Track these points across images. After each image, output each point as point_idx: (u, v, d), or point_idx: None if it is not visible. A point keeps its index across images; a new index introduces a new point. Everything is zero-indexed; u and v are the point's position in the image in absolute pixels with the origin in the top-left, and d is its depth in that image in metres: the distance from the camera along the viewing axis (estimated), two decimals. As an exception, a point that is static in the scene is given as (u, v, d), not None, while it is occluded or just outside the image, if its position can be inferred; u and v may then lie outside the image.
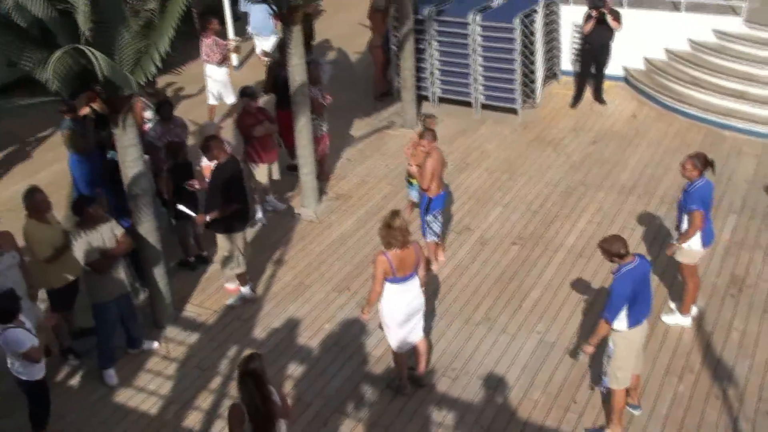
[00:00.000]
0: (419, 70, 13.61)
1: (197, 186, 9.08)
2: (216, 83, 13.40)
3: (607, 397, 7.16)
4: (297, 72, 10.16)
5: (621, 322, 6.63)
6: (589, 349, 6.88)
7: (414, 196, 10.09)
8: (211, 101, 13.57)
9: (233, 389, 7.54)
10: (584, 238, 9.93)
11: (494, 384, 7.72)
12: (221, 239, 8.78)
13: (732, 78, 13.04)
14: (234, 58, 16.06)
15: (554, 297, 8.91)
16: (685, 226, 7.90)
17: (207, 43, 13.18)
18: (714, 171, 8.00)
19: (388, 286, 7.07)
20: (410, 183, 10.13)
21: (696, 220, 7.74)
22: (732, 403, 7.33)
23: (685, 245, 7.98)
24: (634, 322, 6.66)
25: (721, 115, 12.80)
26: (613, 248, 6.59)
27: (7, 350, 6.74)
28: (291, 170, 11.37)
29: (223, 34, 15.28)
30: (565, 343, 8.19)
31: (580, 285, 9.08)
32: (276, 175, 10.72)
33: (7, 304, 6.67)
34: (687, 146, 11.71)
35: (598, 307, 8.45)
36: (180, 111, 14.39)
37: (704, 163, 7.87)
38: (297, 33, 9.97)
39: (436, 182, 8.93)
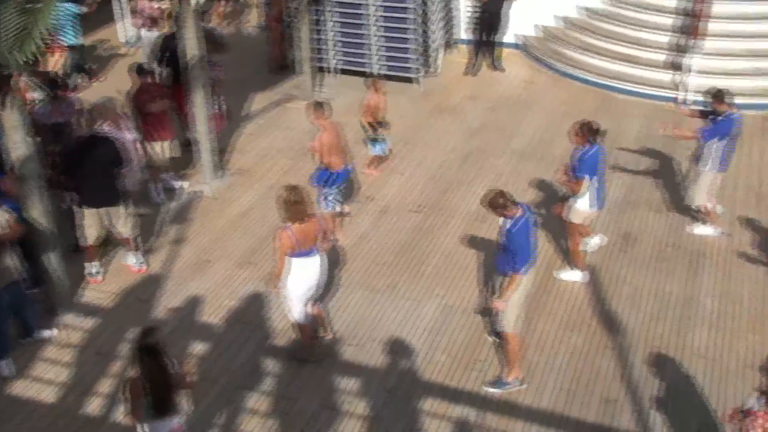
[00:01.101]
0: (317, 41, 13.54)
1: None
2: (147, 48, 13.03)
3: (503, 345, 7.43)
4: (191, 46, 9.95)
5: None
6: (503, 305, 7.00)
7: (377, 151, 10.66)
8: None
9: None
10: (483, 203, 10.13)
11: (398, 349, 7.83)
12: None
13: (622, 43, 13.47)
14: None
15: (454, 262, 9.07)
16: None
17: (139, 8, 12.94)
18: (603, 138, 8.25)
19: (293, 260, 7.06)
20: (373, 141, 10.56)
21: (581, 186, 8.02)
22: (624, 352, 7.65)
23: (577, 205, 8.27)
24: (527, 268, 6.93)
25: (612, 79, 13.23)
26: (496, 201, 6.83)
27: None
28: (187, 146, 11.17)
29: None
30: (465, 305, 8.37)
31: (478, 249, 9.27)
32: (174, 153, 10.51)
33: None
34: (581, 111, 12.03)
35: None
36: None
37: (590, 131, 8.11)
38: (187, 3, 9.75)
39: (337, 157, 8.91)
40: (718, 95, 8.80)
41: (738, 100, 11.94)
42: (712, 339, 7.78)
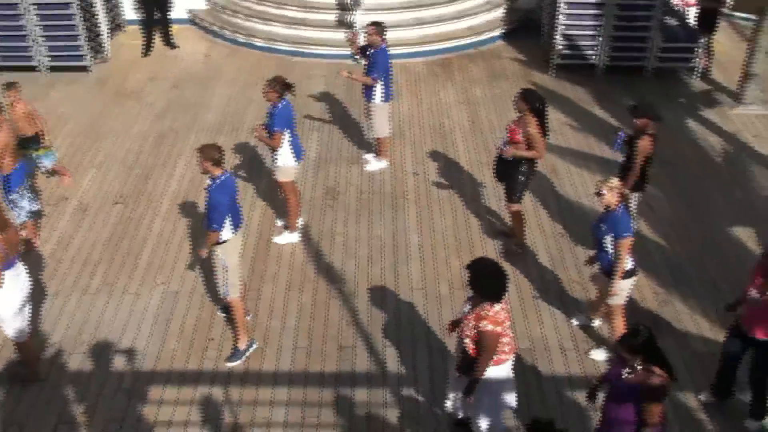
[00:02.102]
0: (-34, 39, 12.29)
1: None
2: None
3: (229, 315, 7.53)
4: None
5: (227, 231, 6.99)
6: (204, 252, 7.15)
7: (47, 163, 9.35)
8: None
9: None
10: (185, 182, 10.00)
11: (128, 346, 7.53)
12: None
13: (290, 7, 13.83)
14: None
15: (169, 246, 8.88)
16: (283, 148, 8.34)
17: None
18: (294, 92, 8.50)
19: (4, 274, 6.47)
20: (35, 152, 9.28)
21: (280, 140, 8.26)
22: (348, 299, 8.06)
23: (280, 163, 8.45)
24: (236, 228, 7.08)
25: (287, 43, 13.58)
26: (210, 154, 6.87)
27: None
28: None
29: None
30: (189, 287, 8.25)
31: (191, 228, 9.15)
32: None
33: None
34: (263, 78, 12.02)
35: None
36: None
37: (283, 86, 8.33)
38: None
39: (9, 157, 8.24)
40: (376, 25, 9.49)
41: (403, 50, 12.98)
42: (424, 271, 8.46)
